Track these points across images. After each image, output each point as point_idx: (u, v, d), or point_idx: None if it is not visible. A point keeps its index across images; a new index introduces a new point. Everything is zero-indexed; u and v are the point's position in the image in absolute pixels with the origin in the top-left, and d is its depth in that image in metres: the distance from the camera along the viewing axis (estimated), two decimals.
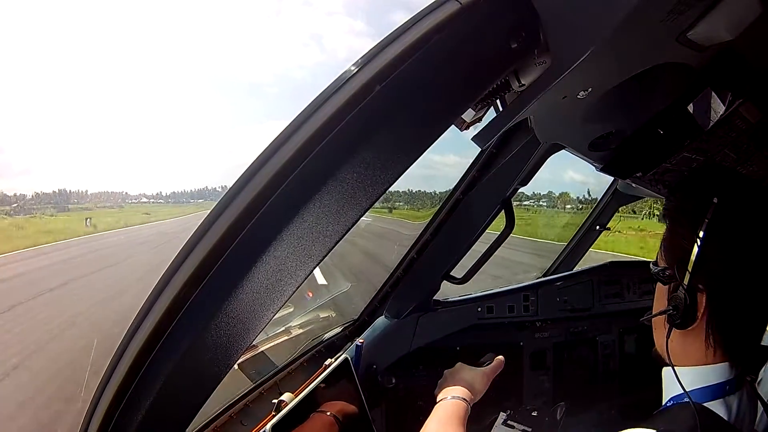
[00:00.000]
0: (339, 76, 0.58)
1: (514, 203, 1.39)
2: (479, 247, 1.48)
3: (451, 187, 1.41)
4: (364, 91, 0.56)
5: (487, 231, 1.44)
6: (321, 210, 0.60)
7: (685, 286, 0.75)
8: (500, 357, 1.29)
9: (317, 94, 0.58)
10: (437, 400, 1.20)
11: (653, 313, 0.86)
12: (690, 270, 0.74)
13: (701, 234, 0.73)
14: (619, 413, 1.76)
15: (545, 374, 1.75)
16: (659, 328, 0.85)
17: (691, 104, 0.86)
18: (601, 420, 1.73)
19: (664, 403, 0.81)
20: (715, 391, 0.75)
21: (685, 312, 0.76)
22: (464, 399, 1.17)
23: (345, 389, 1.31)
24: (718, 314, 0.76)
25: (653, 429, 0.69)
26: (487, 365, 1.27)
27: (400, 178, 0.66)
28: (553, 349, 1.76)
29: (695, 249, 0.74)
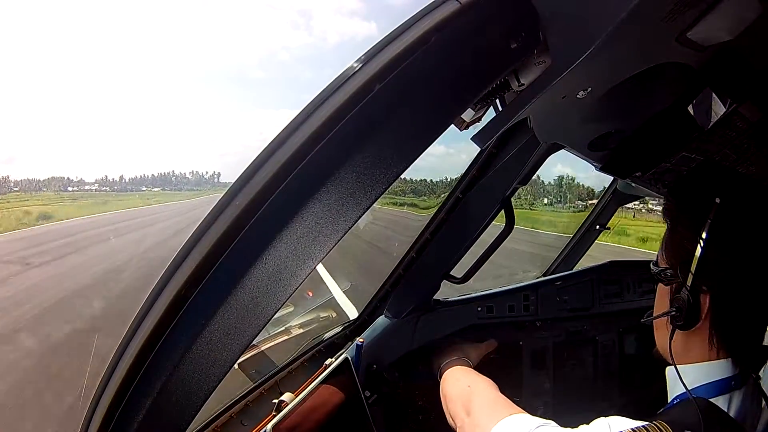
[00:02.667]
0: (338, 76, 0.58)
1: None
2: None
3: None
4: (364, 90, 0.56)
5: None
6: (321, 209, 0.60)
7: (689, 288, 0.75)
8: (492, 339, 1.55)
9: (316, 94, 0.58)
10: (440, 366, 1.33)
11: (655, 313, 0.86)
12: (693, 271, 0.74)
13: (704, 235, 0.73)
14: (619, 413, 1.75)
15: (545, 374, 1.75)
16: (661, 328, 0.85)
17: (691, 104, 0.87)
18: None
19: (669, 401, 0.81)
20: (721, 387, 0.75)
21: (688, 313, 0.75)
22: (464, 359, 1.31)
23: (345, 389, 1.31)
24: (721, 315, 0.75)
25: (659, 421, 0.69)
26: None
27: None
28: (553, 349, 1.76)
29: (698, 250, 0.73)
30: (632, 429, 0.68)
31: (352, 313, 1.92)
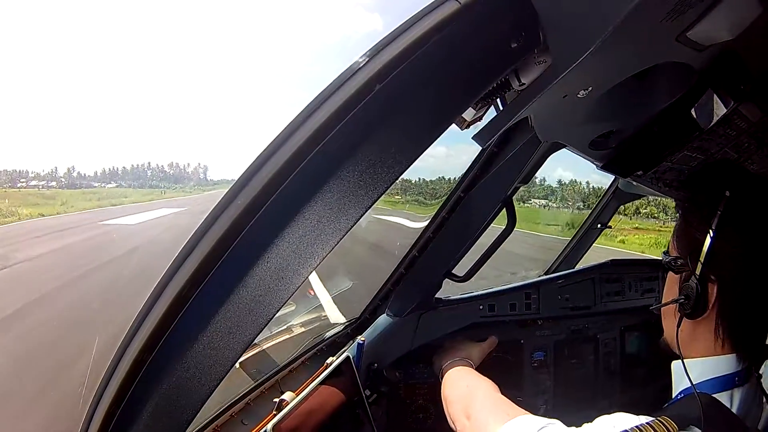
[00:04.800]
0: (339, 75, 0.58)
1: None
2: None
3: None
4: (365, 90, 0.56)
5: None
6: (322, 209, 0.60)
7: (697, 276, 0.76)
8: (493, 337, 1.54)
9: (317, 94, 0.58)
10: (441, 367, 1.33)
11: (664, 301, 0.87)
12: (702, 261, 0.76)
13: (713, 226, 0.75)
14: (620, 411, 1.75)
15: (546, 372, 1.75)
16: (669, 317, 0.87)
17: (692, 104, 0.87)
18: None
19: (674, 395, 0.82)
20: (725, 383, 0.77)
21: (696, 302, 0.77)
22: (466, 360, 1.32)
23: (346, 388, 1.32)
24: (728, 305, 0.77)
25: (664, 417, 0.70)
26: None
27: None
28: (554, 347, 1.76)
29: (707, 240, 0.75)
30: (637, 427, 0.69)
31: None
